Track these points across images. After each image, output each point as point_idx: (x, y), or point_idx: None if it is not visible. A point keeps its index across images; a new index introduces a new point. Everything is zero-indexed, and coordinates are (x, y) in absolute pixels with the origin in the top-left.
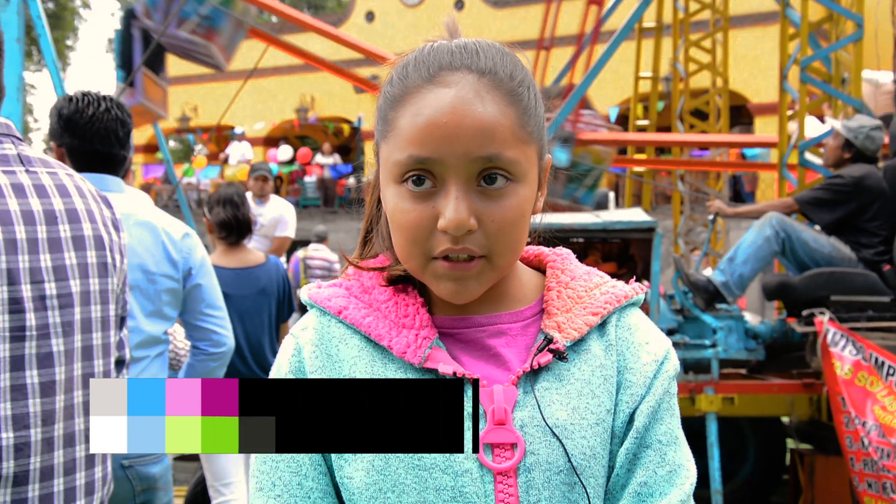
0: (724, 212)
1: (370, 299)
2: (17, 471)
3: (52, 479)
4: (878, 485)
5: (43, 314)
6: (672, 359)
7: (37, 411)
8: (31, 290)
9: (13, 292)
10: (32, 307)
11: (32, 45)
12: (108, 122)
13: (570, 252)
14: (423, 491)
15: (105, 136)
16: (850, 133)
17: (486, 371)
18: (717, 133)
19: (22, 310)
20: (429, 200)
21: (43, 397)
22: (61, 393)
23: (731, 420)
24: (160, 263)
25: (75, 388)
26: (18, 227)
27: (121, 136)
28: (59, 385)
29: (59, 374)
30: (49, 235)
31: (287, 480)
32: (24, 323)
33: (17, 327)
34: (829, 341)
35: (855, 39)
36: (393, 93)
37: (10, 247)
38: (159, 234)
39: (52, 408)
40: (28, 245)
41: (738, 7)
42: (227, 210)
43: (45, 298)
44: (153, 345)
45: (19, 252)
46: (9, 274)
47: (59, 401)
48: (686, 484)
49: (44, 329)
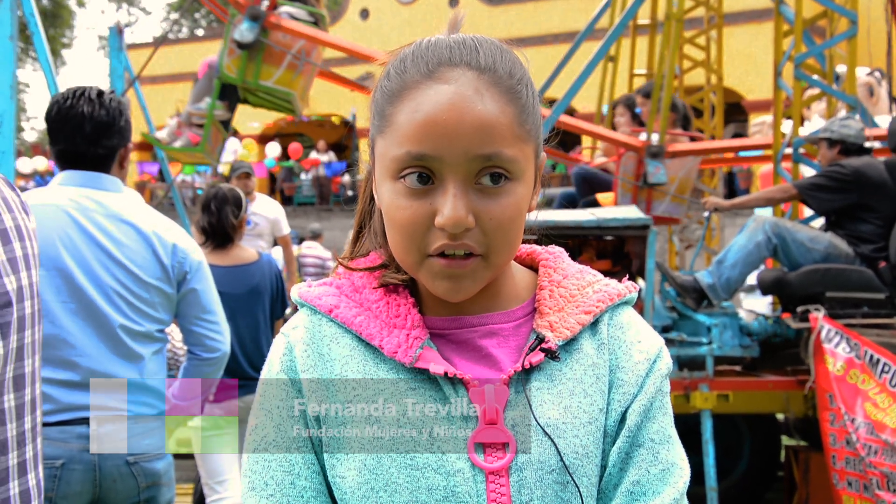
0: (721, 206)
1: (361, 298)
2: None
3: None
4: (858, 483)
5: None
6: (664, 357)
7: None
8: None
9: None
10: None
11: (27, 44)
12: (73, 118)
13: (562, 250)
14: (415, 490)
15: (69, 132)
16: (826, 132)
17: (478, 371)
18: (711, 130)
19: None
20: (426, 197)
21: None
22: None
23: (726, 417)
24: (148, 267)
25: (4, 393)
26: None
27: (87, 132)
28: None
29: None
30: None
31: (279, 480)
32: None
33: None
34: (823, 338)
35: (849, 36)
36: (390, 87)
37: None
38: (149, 238)
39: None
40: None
41: (733, 4)
42: (204, 216)
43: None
44: (147, 342)
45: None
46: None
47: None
48: (679, 482)
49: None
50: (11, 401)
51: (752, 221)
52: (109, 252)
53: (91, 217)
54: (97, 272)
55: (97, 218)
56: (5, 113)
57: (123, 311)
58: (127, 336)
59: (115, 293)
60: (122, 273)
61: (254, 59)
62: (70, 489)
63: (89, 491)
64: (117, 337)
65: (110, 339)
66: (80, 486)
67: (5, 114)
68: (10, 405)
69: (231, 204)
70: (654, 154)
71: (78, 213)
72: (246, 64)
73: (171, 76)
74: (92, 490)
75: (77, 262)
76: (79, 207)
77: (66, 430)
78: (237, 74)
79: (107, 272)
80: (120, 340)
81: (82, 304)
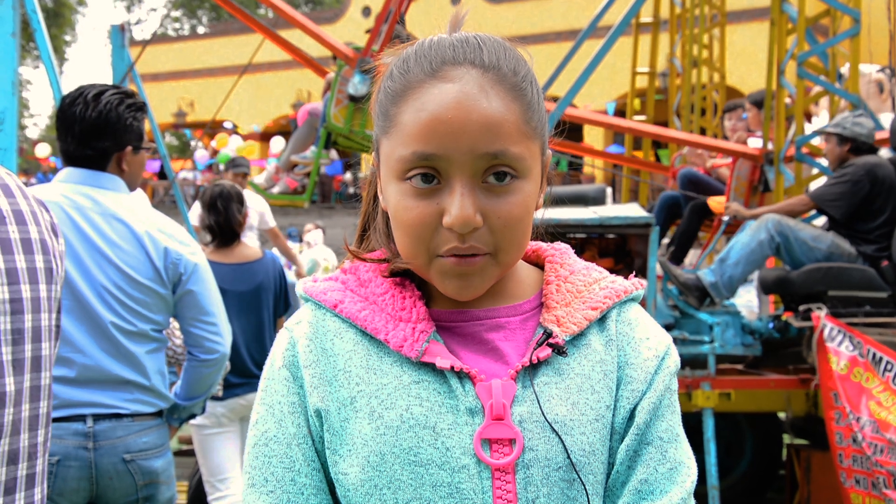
0: (742, 214)
1: (367, 292)
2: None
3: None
4: (867, 481)
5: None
6: (673, 354)
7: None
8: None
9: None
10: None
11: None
12: (68, 118)
13: (568, 247)
14: (419, 487)
15: (64, 132)
16: (837, 128)
17: (485, 365)
18: (713, 128)
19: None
20: (433, 197)
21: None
22: (10, 406)
23: (727, 415)
24: (140, 267)
25: (23, 402)
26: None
27: (76, 133)
28: (8, 397)
29: (8, 385)
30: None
31: (280, 476)
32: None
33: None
34: (825, 336)
35: (852, 35)
36: (394, 87)
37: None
38: (141, 239)
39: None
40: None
41: (735, 2)
42: (210, 215)
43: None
44: (142, 342)
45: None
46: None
47: (6, 414)
48: (687, 482)
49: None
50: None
51: (755, 220)
52: (102, 250)
53: (86, 214)
54: (90, 270)
55: (92, 216)
56: (7, 110)
57: (115, 309)
58: (120, 334)
59: (107, 291)
60: (114, 272)
61: (361, 110)
62: (66, 486)
63: (86, 488)
64: (111, 335)
65: (104, 337)
66: (77, 484)
67: (7, 111)
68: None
69: (235, 201)
70: (770, 161)
71: (73, 210)
72: (353, 114)
73: (174, 73)
74: (89, 487)
75: (71, 260)
76: (74, 205)
77: (62, 427)
78: (344, 124)
79: (99, 270)
80: (114, 338)
81: (76, 301)
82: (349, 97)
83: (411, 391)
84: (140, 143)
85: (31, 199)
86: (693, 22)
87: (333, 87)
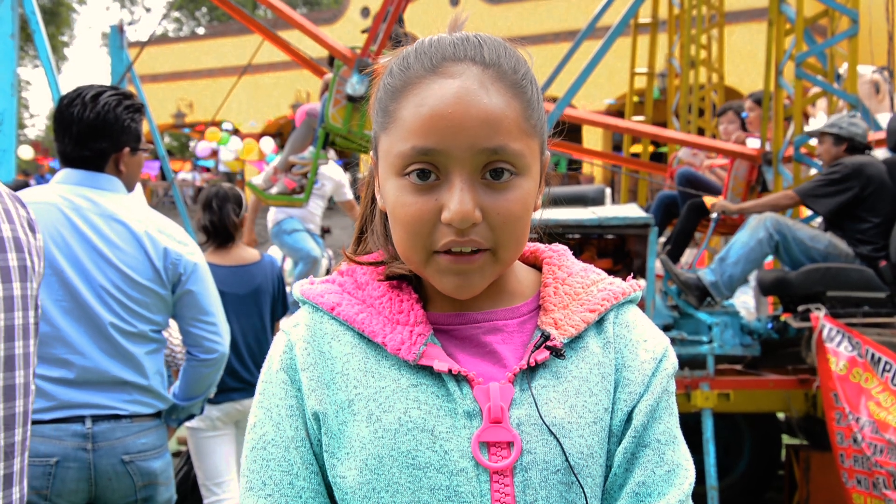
0: (729, 209)
1: (364, 295)
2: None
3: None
4: (868, 481)
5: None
6: (670, 356)
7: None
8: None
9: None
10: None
11: (28, 42)
12: (65, 119)
13: (566, 248)
14: (417, 490)
15: (61, 133)
16: (833, 128)
17: (482, 368)
18: (712, 129)
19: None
20: (431, 193)
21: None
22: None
23: (726, 416)
24: (139, 268)
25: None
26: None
27: (73, 134)
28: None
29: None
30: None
31: (278, 480)
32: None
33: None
34: (824, 337)
35: (850, 35)
36: (394, 84)
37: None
38: (140, 240)
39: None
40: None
41: (734, 2)
42: (206, 215)
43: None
44: (141, 342)
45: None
46: None
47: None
48: (685, 484)
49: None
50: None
51: (754, 219)
52: (101, 251)
53: (84, 215)
54: (89, 270)
55: (90, 217)
56: (6, 111)
57: (114, 310)
58: (119, 335)
59: (106, 292)
60: (113, 272)
61: (359, 110)
62: (65, 487)
63: (85, 489)
64: (110, 336)
65: (103, 338)
66: (75, 485)
67: (6, 112)
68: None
69: (232, 202)
70: (769, 161)
71: (71, 211)
72: (351, 114)
73: (173, 74)
74: (87, 488)
75: (69, 260)
76: (72, 206)
77: (61, 428)
78: (342, 124)
79: (98, 271)
80: (113, 339)
81: (75, 302)
82: (347, 97)
83: (409, 394)
84: (138, 144)
85: (4, 197)
86: (691, 22)
87: (331, 88)
